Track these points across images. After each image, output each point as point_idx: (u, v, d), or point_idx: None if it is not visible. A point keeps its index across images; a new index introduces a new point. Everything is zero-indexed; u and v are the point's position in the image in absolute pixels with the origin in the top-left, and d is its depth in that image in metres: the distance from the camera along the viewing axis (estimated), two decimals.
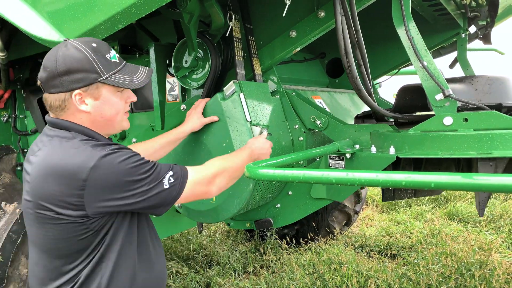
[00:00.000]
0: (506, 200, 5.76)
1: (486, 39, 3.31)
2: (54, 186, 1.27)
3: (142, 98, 2.69)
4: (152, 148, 1.94)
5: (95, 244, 1.36)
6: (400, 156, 1.69)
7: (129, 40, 2.63)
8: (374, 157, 1.81)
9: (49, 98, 1.38)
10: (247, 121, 1.94)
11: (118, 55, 1.45)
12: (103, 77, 1.36)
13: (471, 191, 1.19)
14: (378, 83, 4.04)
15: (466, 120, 1.63)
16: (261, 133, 1.95)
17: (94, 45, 1.38)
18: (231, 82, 2.00)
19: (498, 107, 1.72)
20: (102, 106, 1.40)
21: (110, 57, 1.40)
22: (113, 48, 2.52)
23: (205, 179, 1.52)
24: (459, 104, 1.73)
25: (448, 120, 1.67)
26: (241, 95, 1.96)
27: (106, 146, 1.34)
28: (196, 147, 2.09)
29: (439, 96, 1.69)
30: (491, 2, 2.88)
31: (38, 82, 1.39)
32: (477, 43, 3.64)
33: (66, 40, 1.39)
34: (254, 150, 1.75)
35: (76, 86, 1.34)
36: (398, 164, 1.91)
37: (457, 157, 1.71)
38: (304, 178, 1.09)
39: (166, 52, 2.36)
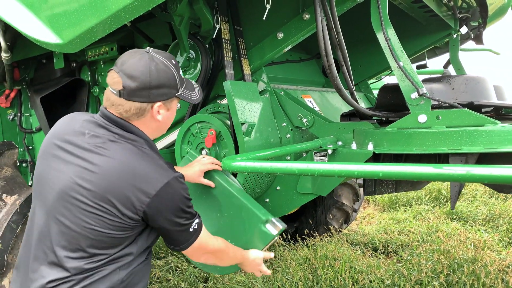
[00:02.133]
0: (506, 200, 5.78)
1: (478, 39, 3.37)
2: (130, 187, 1.35)
3: None
4: None
5: (124, 245, 1.44)
6: (377, 152, 1.78)
7: (127, 42, 2.75)
8: (353, 153, 1.90)
9: (127, 105, 1.44)
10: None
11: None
12: (179, 92, 1.53)
13: (440, 181, 1.28)
14: (376, 81, 4.11)
15: (439, 117, 1.71)
16: None
17: (174, 62, 1.52)
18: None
19: (471, 105, 1.79)
20: (169, 116, 1.57)
21: (182, 74, 1.58)
22: (112, 49, 2.66)
23: (207, 247, 1.61)
24: (435, 102, 1.81)
25: (422, 118, 1.75)
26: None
27: (172, 168, 1.49)
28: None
29: (414, 95, 1.77)
30: (481, 3, 2.94)
31: (120, 87, 1.42)
32: (472, 44, 3.70)
33: (149, 52, 1.47)
34: (250, 260, 1.81)
35: (160, 99, 1.48)
36: (378, 160, 1.99)
37: (434, 153, 1.79)
38: (271, 169, 1.19)
39: None
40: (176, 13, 1.96)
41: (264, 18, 1.93)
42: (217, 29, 2.12)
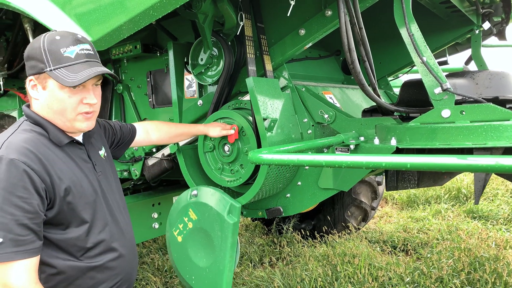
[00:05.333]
0: None
1: (501, 35, 3.33)
2: None
3: (163, 94, 2.86)
4: (172, 132, 2.15)
5: None
6: (400, 147, 1.78)
7: (151, 40, 2.81)
8: (376, 148, 1.91)
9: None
10: None
11: (81, 53, 1.42)
12: (47, 69, 1.37)
13: (469, 172, 1.30)
14: (393, 79, 4.09)
15: (463, 112, 1.71)
16: None
17: (57, 37, 1.39)
18: None
19: (496, 100, 1.78)
20: (49, 98, 1.42)
21: (64, 52, 1.38)
22: (135, 47, 2.72)
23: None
24: (459, 97, 1.81)
25: (446, 113, 1.75)
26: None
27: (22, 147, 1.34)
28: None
29: (438, 90, 1.77)
30: None
31: None
32: (494, 40, 3.65)
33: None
34: None
35: (30, 72, 1.41)
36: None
37: (458, 148, 1.79)
38: (298, 162, 1.21)
39: (184, 51, 2.52)
40: (201, 11, 2.00)
41: (288, 15, 1.95)
42: (240, 26, 2.15)
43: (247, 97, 2.40)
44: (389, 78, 3.97)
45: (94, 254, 1.50)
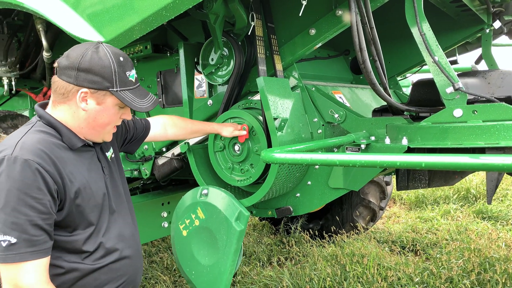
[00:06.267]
0: None
1: None
2: None
3: (173, 94, 2.88)
4: (188, 129, 2.20)
5: None
6: (411, 146, 1.78)
7: (161, 40, 2.83)
8: (387, 147, 1.91)
9: (57, 83, 1.45)
10: None
11: (136, 77, 1.54)
12: (115, 89, 1.44)
13: (485, 171, 1.30)
14: (401, 79, 4.08)
15: (475, 112, 1.70)
16: None
17: (121, 59, 1.47)
18: None
19: (508, 100, 1.78)
20: (100, 112, 1.47)
21: (129, 75, 1.48)
22: (146, 47, 2.74)
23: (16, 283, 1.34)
24: (470, 97, 1.80)
25: (458, 112, 1.75)
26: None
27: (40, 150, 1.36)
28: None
29: (450, 89, 1.77)
30: None
31: (55, 64, 1.47)
32: (505, 39, 3.63)
33: (99, 43, 1.48)
34: None
35: (87, 85, 1.42)
36: None
37: (470, 147, 1.78)
38: (311, 161, 1.22)
39: (195, 51, 2.54)
40: (212, 11, 2.01)
41: (300, 14, 1.95)
42: (252, 26, 2.16)
43: (257, 97, 2.41)
44: (398, 78, 3.96)
45: (99, 256, 1.51)
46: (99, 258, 1.50)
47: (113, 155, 1.74)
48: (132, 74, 1.50)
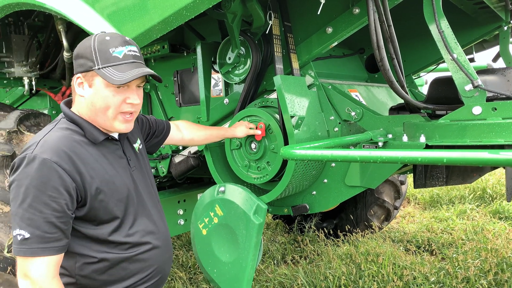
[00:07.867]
0: None
1: None
2: None
3: (189, 93, 2.92)
4: (202, 136, 2.24)
5: None
6: (429, 144, 1.78)
7: (178, 40, 2.86)
8: (405, 145, 1.91)
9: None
10: None
11: (127, 53, 1.46)
12: (96, 67, 1.41)
13: (499, 166, 1.29)
14: (416, 78, 4.05)
15: (495, 109, 1.70)
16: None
17: (108, 38, 1.45)
18: None
19: None
20: (94, 95, 1.46)
21: (113, 52, 1.43)
22: (163, 47, 2.77)
23: (26, 273, 1.38)
24: (489, 94, 1.79)
25: (477, 110, 1.74)
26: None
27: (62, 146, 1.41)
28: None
29: (469, 87, 1.77)
30: None
31: None
32: None
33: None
34: None
35: (78, 70, 1.46)
36: None
37: (489, 145, 1.77)
38: (332, 157, 1.23)
39: (212, 50, 2.57)
40: (230, 11, 2.03)
41: (318, 13, 1.97)
42: (269, 25, 2.18)
43: (273, 95, 2.43)
44: (413, 77, 3.93)
45: (127, 247, 1.55)
46: (127, 249, 1.54)
47: (140, 146, 1.77)
48: (120, 51, 1.44)
